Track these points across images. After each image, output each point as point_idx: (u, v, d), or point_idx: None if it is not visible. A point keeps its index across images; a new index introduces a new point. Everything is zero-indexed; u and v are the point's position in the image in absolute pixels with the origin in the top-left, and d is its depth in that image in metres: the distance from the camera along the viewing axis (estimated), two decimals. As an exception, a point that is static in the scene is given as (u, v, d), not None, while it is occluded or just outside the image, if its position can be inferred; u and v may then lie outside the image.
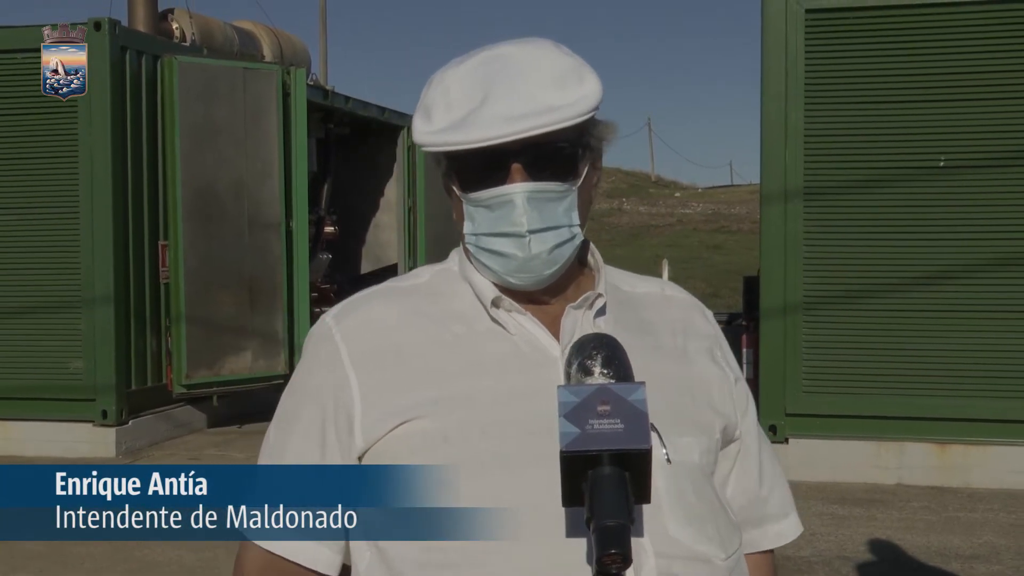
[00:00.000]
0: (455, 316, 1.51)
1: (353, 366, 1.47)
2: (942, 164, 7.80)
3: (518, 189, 1.42)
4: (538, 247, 1.44)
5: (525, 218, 1.43)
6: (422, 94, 1.50)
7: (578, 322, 1.49)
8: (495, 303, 1.49)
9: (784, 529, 1.66)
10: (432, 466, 1.40)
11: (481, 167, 1.44)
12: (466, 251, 1.53)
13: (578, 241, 1.49)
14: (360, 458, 1.46)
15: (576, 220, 1.47)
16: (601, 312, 1.53)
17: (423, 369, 1.45)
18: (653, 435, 1.41)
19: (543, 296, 1.52)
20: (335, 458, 1.47)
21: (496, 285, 1.50)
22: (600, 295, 1.53)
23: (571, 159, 1.46)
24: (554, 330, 1.48)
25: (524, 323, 1.49)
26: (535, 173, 1.43)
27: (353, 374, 1.47)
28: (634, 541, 1.35)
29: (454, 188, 1.49)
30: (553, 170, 1.44)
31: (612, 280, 1.59)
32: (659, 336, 1.57)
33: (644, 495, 1.19)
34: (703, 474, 1.49)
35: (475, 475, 1.39)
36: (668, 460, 1.42)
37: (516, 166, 1.42)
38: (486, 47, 1.50)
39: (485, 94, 1.43)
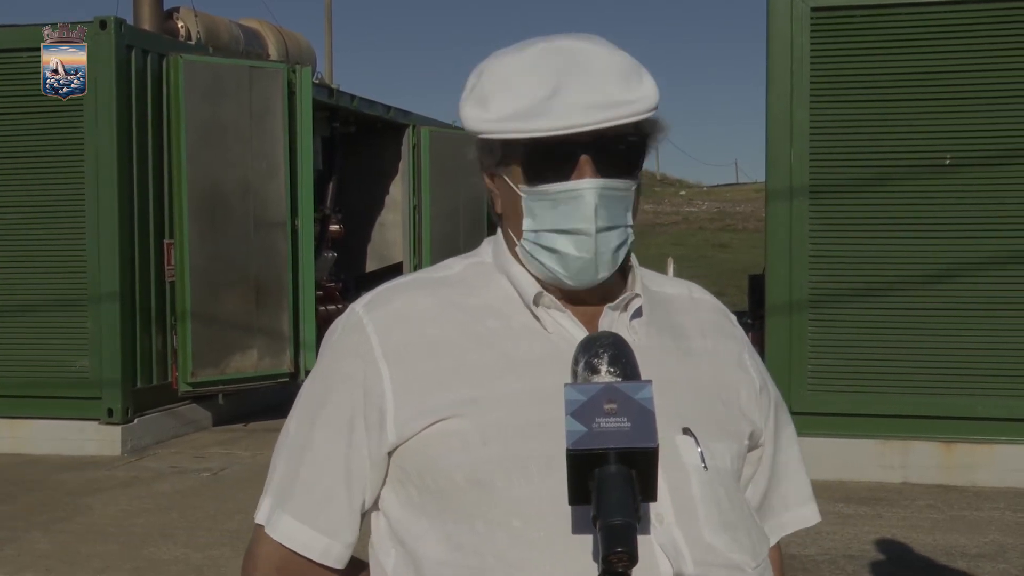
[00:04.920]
0: (489, 310, 1.47)
1: (385, 358, 1.43)
2: (948, 162, 7.79)
3: (589, 185, 1.38)
4: (603, 247, 1.40)
5: (595, 216, 1.39)
6: (470, 84, 1.46)
7: (614, 323, 1.47)
8: (536, 300, 1.45)
9: (786, 520, 1.65)
10: (471, 467, 1.38)
11: (549, 158, 1.39)
12: (508, 245, 1.50)
13: (631, 242, 1.45)
14: (390, 453, 1.44)
15: (631, 220, 1.44)
16: (637, 314, 1.50)
17: (459, 366, 1.42)
18: (690, 440, 1.41)
19: (581, 295, 1.49)
20: (362, 452, 1.44)
21: (538, 281, 1.47)
22: (637, 295, 1.50)
23: (638, 155, 1.43)
24: (591, 329, 1.45)
25: (562, 321, 1.46)
26: (604, 168, 1.39)
27: (385, 367, 1.43)
28: (671, 547, 1.35)
29: (507, 179, 1.45)
30: (621, 166, 1.41)
31: (643, 281, 1.57)
32: (690, 339, 1.55)
33: (651, 494, 1.19)
34: (735, 480, 1.48)
35: (518, 477, 1.37)
36: (705, 466, 1.41)
37: (585, 158, 1.38)
38: (537, 40, 1.47)
39: (557, 83, 1.39)
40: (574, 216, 1.39)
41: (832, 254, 7.96)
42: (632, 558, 1.12)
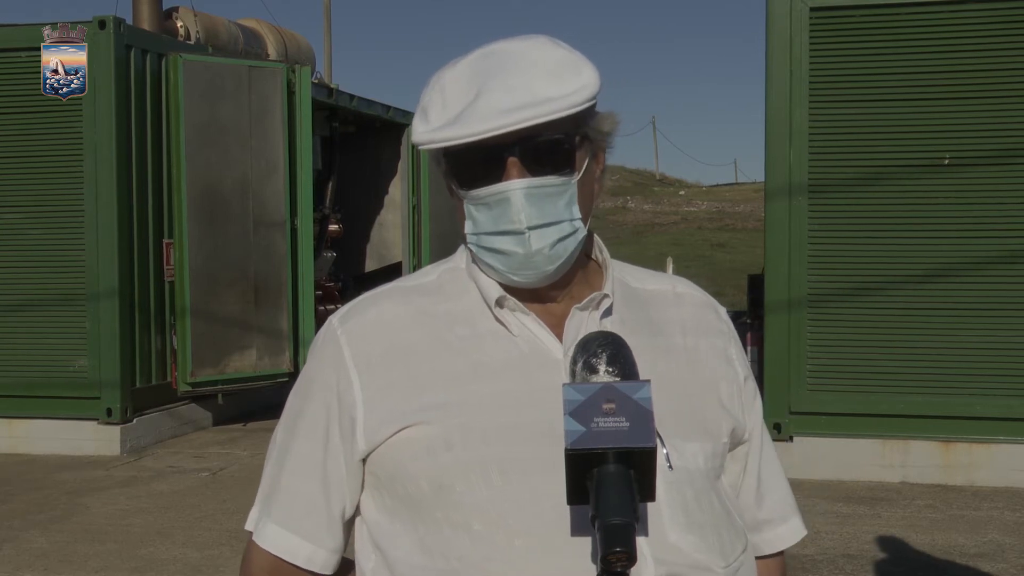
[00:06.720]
0: (459, 316, 1.49)
1: (356, 368, 1.46)
2: (947, 162, 7.79)
3: (515, 186, 1.39)
4: (539, 243, 1.41)
5: (523, 215, 1.40)
6: (421, 96, 1.48)
7: (583, 323, 1.46)
8: (499, 303, 1.46)
9: (783, 533, 1.65)
10: (435, 472, 1.39)
11: (477, 163, 1.41)
12: (470, 251, 1.51)
13: (581, 236, 1.45)
14: (363, 461, 1.46)
15: (577, 214, 1.44)
16: (607, 313, 1.50)
17: (426, 372, 1.44)
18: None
19: (548, 294, 1.49)
20: (338, 459, 1.47)
21: (501, 284, 1.47)
22: (607, 295, 1.50)
23: (568, 151, 1.43)
24: (558, 331, 1.46)
25: (527, 324, 1.47)
26: (532, 167, 1.40)
27: (356, 376, 1.46)
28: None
29: (453, 186, 1.47)
30: (550, 163, 1.41)
31: (620, 276, 1.56)
32: (668, 336, 1.54)
33: (649, 494, 1.19)
34: (707, 480, 1.47)
35: (477, 481, 1.38)
36: (670, 466, 1.41)
37: (512, 160, 1.39)
38: (483, 46, 1.48)
39: (479, 89, 1.40)
40: (504, 218, 1.41)
41: (831, 254, 7.96)
42: (631, 558, 1.12)
